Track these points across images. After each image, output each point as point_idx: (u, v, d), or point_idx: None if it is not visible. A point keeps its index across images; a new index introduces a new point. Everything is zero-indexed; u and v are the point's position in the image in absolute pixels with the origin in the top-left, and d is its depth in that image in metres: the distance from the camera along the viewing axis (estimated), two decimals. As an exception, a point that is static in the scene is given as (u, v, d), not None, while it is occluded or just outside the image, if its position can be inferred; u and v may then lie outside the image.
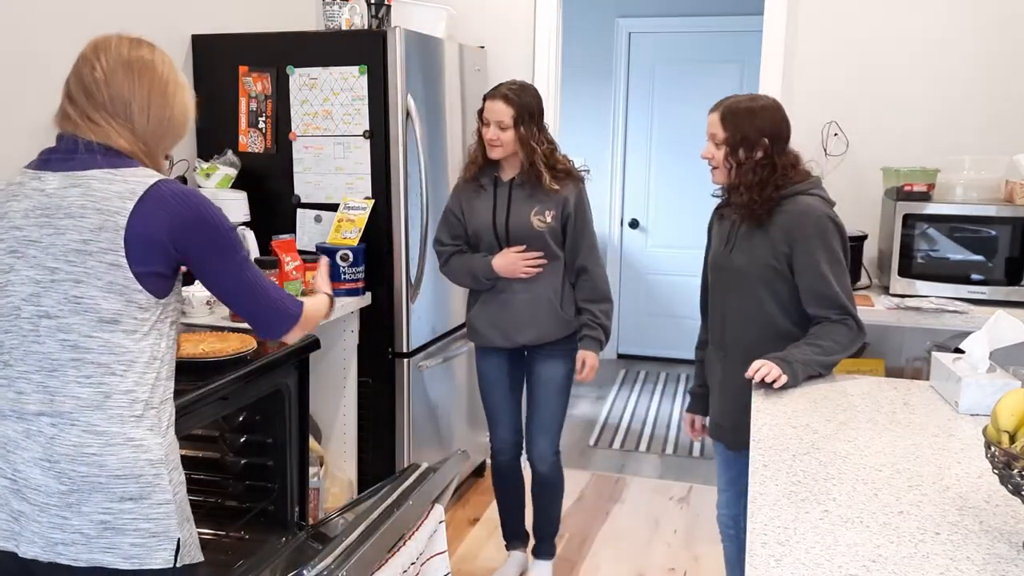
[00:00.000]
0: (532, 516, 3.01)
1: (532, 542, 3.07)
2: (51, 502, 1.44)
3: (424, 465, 2.21)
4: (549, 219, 2.69)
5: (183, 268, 1.57)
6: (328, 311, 1.86)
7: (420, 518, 2.04)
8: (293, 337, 1.71)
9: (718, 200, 2.44)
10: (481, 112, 2.68)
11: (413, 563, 1.94)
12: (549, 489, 2.95)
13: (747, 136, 2.18)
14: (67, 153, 1.51)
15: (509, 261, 2.69)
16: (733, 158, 2.20)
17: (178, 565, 1.50)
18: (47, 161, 1.53)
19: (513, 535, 3.07)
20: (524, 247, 2.70)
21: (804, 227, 2.14)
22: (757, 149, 2.18)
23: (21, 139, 2.44)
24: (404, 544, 1.92)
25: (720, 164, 2.24)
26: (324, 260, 2.06)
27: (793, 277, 2.18)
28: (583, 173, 2.78)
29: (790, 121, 2.24)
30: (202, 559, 1.59)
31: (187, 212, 1.49)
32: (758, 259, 2.20)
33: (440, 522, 2.09)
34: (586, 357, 2.77)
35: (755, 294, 2.22)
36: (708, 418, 2.51)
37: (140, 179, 1.48)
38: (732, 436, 2.33)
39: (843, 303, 2.14)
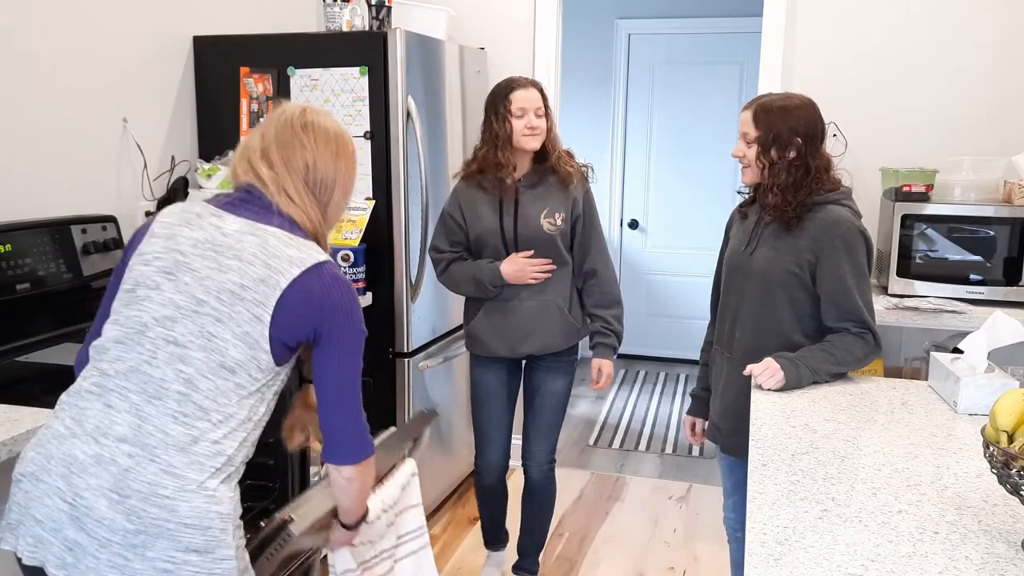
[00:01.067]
0: (519, 529, 2.95)
1: (512, 543, 3.05)
2: (114, 539, 1.38)
3: (392, 428, 2.22)
4: (559, 221, 2.61)
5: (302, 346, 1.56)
6: (356, 515, 1.75)
7: (390, 468, 2.05)
8: (350, 478, 1.59)
9: (740, 198, 2.38)
10: (508, 106, 2.55)
11: (386, 510, 1.98)
12: (540, 498, 2.87)
13: (780, 135, 2.12)
14: (256, 207, 1.53)
15: (518, 267, 2.59)
16: (765, 157, 2.14)
17: None
18: (232, 205, 1.54)
19: (495, 537, 3.01)
20: (532, 252, 2.61)
21: (832, 238, 2.09)
22: (790, 149, 2.13)
23: (22, 139, 2.45)
24: (373, 491, 1.94)
25: (751, 163, 2.17)
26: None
27: (814, 286, 2.14)
28: (586, 171, 2.71)
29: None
30: None
31: (343, 299, 1.51)
32: (781, 264, 2.15)
33: (413, 475, 2.11)
34: (602, 365, 2.69)
35: (772, 299, 2.17)
36: (707, 418, 2.48)
37: (311, 252, 1.51)
38: (728, 440, 2.31)
39: (864, 317, 2.11)
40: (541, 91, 2.60)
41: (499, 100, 2.58)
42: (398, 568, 2.04)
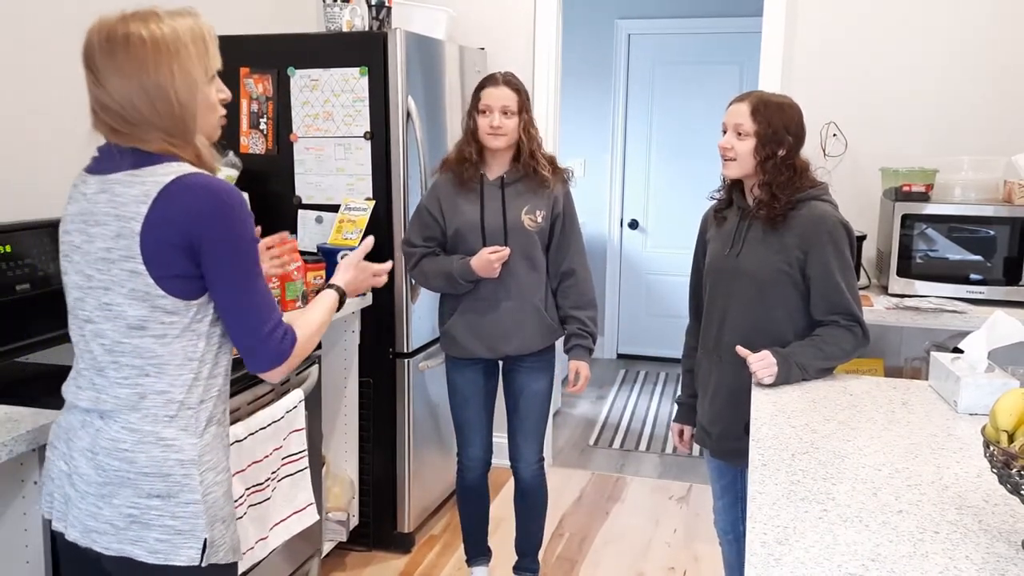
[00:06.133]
0: (515, 530, 2.94)
1: (497, 558, 3.05)
2: (90, 491, 1.50)
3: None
4: (540, 219, 2.61)
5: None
6: (331, 312, 1.72)
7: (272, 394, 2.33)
8: (276, 378, 1.57)
9: (713, 201, 2.40)
10: (477, 103, 2.58)
11: (275, 422, 2.20)
12: (532, 497, 2.85)
13: (777, 131, 2.13)
14: (106, 157, 1.51)
15: (484, 260, 2.54)
16: (760, 152, 2.14)
17: (204, 564, 1.49)
18: (91, 165, 1.54)
19: (477, 551, 2.99)
20: (493, 245, 2.58)
21: (819, 234, 2.11)
22: (783, 147, 2.14)
23: (23, 141, 2.45)
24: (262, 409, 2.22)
25: (742, 156, 2.16)
26: (362, 249, 1.87)
27: (803, 282, 2.15)
28: (567, 173, 2.70)
29: None
30: (238, 559, 1.59)
31: (204, 205, 1.43)
32: (770, 264, 2.15)
33: (300, 400, 2.33)
34: (579, 367, 2.68)
35: (763, 299, 2.17)
36: (696, 425, 2.45)
37: (157, 178, 1.43)
38: (716, 443, 2.30)
39: (852, 310, 2.13)
40: (518, 91, 2.57)
41: (474, 94, 2.61)
42: (279, 488, 2.24)
